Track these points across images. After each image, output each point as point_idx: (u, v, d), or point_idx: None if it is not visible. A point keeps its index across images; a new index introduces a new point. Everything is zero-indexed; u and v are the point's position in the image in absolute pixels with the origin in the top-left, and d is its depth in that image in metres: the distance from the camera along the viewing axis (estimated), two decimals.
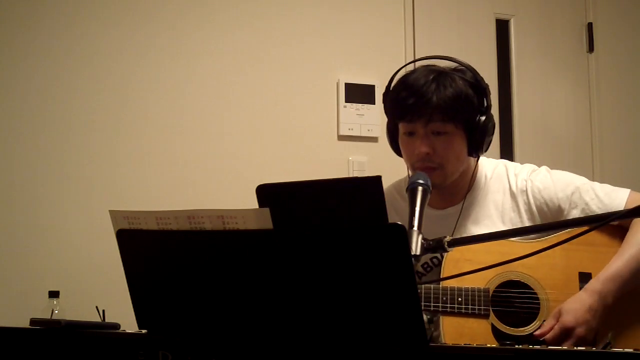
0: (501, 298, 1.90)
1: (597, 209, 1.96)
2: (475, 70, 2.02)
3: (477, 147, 2.01)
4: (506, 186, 2.07)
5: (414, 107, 1.96)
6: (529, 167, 2.10)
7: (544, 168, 2.08)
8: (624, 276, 1.86)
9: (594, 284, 1.85)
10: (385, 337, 1.21)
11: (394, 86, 2.04)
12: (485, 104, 2.01)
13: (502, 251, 1.79)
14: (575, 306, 1.81)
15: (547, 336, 1.81)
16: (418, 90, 1.96)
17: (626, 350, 1.14)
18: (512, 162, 2.15)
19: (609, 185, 2.02)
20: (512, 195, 2.05)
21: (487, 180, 2.09)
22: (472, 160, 2.07)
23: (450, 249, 1.61)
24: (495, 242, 1.83)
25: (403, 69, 2.10)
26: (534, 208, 2.02)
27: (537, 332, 1.83)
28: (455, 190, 2.07)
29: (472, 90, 1.99)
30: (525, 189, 2.04)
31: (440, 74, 1.99)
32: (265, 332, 1.28)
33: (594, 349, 1.30)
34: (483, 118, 1.99)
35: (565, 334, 1.80)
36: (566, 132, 3.88)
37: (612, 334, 1.83)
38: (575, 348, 1.18)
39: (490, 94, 2.03)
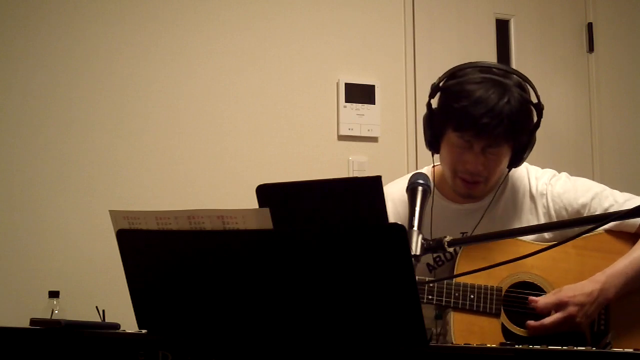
0: (513, 298, 1.90)
1: None
2: (535, 88, 1.97)
3: (516, 163, 2.00)
4: (526, 188, 2.06)
5: (484, 129, 1.87)
6: (549, 172, 2.10)
7: (564, 174, 2.08)
8: (629, 274, 1.89)
9: (598, 276, 1.88)
10: (385, 337, 1.21)
11: (458, 93, 1.92)
12: (537, 126, 1.99)
13: (517, 252, 1.80)
14: (576, 287, 1.86)
15: (540, 303, 1.85)
16: (490, 110, 1.86)
17: (626, 350, 1.14)
18: (534, 166, 2.13)
19: (629, 194, 2.03)
20: (532, 197, 2.05)
21: (508, 181, 2.08)
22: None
23: (450, 249, 1.61)
24: (511, 242, 1.88)
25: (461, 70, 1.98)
26: (553, 212, 2.01)
27: (531, 298, 1.87)
28: None
29: (532, 114, 1.96)
30: (545, 192, 2.03)
31: (507, 90, 1.90)
32: (266, 332, 1.28)
33: (594, 349, 1.30)
34: (532, 139, 1.98)
35: (558, 306, 1.84)
36: (566, 132, 3.88)
37: (612, 334, 1.84)
38: (575, 348, 1.18)
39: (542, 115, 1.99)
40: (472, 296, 1.88)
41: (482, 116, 1.86)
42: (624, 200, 1.99)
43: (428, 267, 2.04)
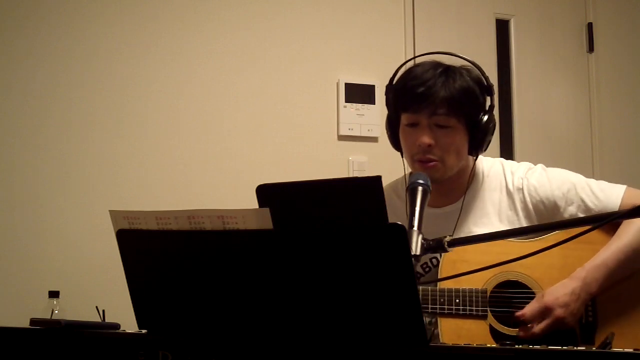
0: (499, 298, 1.90)
1: (593, 205, 1.97)
2: (482, 69, 2.03)
3: (477, 146, 2.01)
4: (503, 184, 2.07)
5: (421, 97, 1.96)
6: (525, 165, 2.10)
7: (540, 166, 2.09)
8: (609, 265, 1.89)
9: (579, 272, 1.88)
10: (385, 337, 1.21)
11: (400, 77, 2.05)
12: (489, 103, 2.02)
13: (499, 251, 1.78)
14: (558, 289, 1.86)
15: (526, 314, 1.84)
16: (426, 81, 1.96)
17: (626, 350, 1.14)
18: (509, 161, 2.15)
19: (605, 182, 2.03)
20: (509, 193, 2.05)
21: (484, 179, 2.09)
22: (471, 158, 2.07)
23: (450, 249, 1.61)
24: (493, 243, 1.84)
25: (409, 63, 2.11)
26: (530, 206, 2.02)
27: (517, 313, 1.86)
28: (453, 188, 2.07)
29: (478, 88, 2.00)
30: (521, 187, 2.04)
31: (448, 68, 2.00)
32: (266, 332, 1.28)
33: (594, 348, 1.30)
34: (486, 117, 2.00)
35: (544, 312, 1.83)
36: (566, 132, 3.88)
37: (612, 334, 1.83)
38: (575, 348, 1.18)
39: (494, 93, 2.04)
40: (457, 300, 1.88)
41: (417, 87, 1.97)
42: (599, 190, 2.00)
43: (416, 275, 2.03)
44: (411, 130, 2.00)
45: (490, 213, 2.05)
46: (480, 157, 2.11)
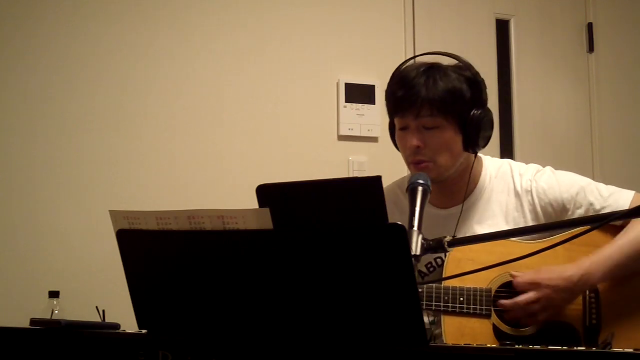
0: (503, 298, 1.90)
1: (601, 209, 1.97)
2: (471, 65, 2.00)
3: (472, 143, 1.99)
4: (510, 186, 2.06)
5: (403, 100, 1.96)
6: (533, 167, 2.09)
7: (549, 168, 2.08)
8: (614, 258, 1.88)
9: (583, 261, 1.88)
10: (385, 337, 1.21)
11: (389, 82, 2.04)
12: (480, 99, 1.99)
13: (504, 251, 1.78)
14: (555, 269, 1.87)
15: (517, 279, 1.86)
16: (407, 83, 1.96)
17: (626, 350, 1.14)
18: (517, 162, 2.13)
19: (613, 187, 2.02)
20: (517, 195, 2.04)
21: (492, 180, 2.08)
22: (472, 157, 2.06)
23: (450, 249, 1.61)
24: (498, 242, 1.84)
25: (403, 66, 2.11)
26: (539, 208, 2.01)
27: (513, 273, 1.88)
28: (457, 189, 2.06)
29: (466, 84, 1.97)
30: (530, 189, 2.03)
31: (432, 67, 1.98)
32: (266, 332, 1.28)
33: (594, 349, 1.30)
34: (477, 112, 1.97)
35: (533, 285, 1.85)
36: (566, 132, 3.88)
37: (612, 334, 1.83)
38: (575, 348, 1.18)
39: (485, 88, 2.01)
40: (461, 299, 1.88)
41: (398, 90, 1.97)
42: (608, 194, 1.99)
43: (420, 274, 2.04)
44: (403, 134, 2.01)
45: (497, 215, 2.04)
46: (487, 158, 2.11)
